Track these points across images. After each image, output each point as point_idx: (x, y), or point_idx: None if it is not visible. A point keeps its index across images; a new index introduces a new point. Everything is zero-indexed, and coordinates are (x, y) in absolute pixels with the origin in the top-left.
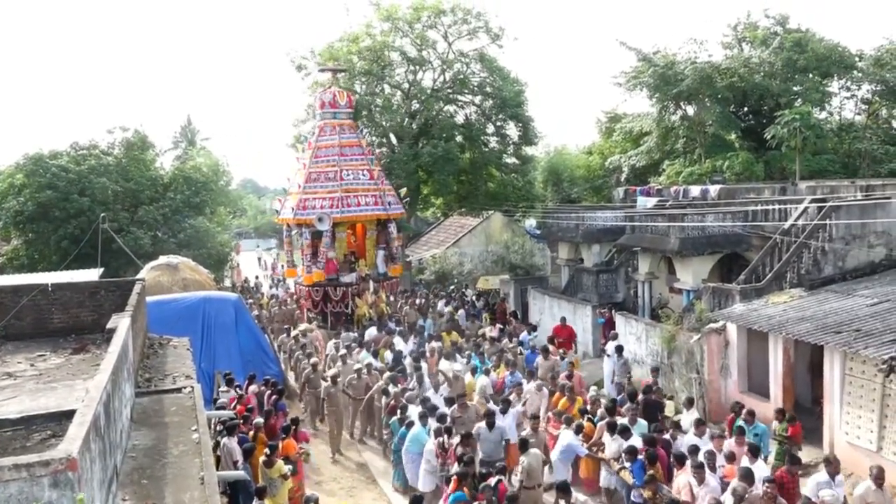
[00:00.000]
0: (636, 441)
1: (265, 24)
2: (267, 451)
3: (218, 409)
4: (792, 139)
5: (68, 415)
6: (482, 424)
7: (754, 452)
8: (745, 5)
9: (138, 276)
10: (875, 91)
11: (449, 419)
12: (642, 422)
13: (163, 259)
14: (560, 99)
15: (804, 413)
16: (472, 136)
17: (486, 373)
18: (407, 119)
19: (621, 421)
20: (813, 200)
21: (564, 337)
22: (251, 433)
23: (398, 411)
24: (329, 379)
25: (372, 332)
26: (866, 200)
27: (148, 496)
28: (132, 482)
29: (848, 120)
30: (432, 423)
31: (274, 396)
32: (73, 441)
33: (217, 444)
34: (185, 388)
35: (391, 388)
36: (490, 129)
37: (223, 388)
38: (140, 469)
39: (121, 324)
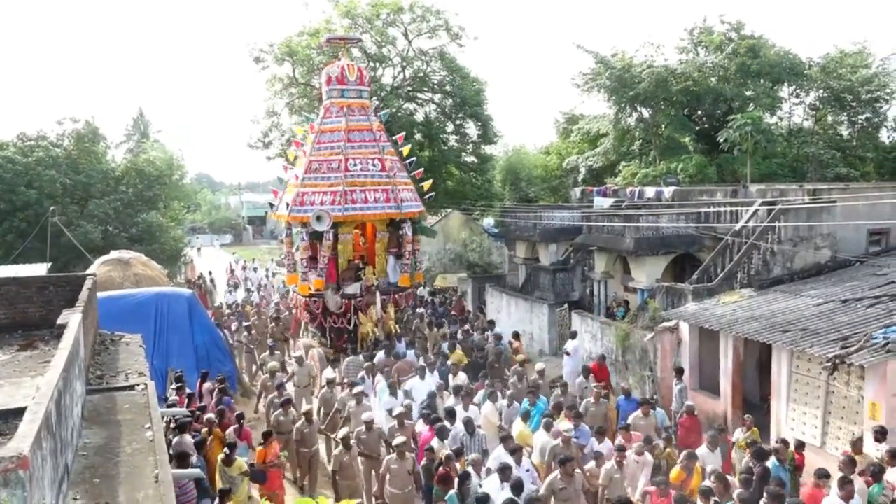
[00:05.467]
0: None
1: (221, 16)
2: (226, 449)
3: (169, 407)
4: (744, 143)
5: (16, 413)
6: None
7: None
8: (702, 11)
9: (89, 272)
10: (822, 98)
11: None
12: None
13: (114, 254)
14: (519, 99)
15: (752, 410)
16: (432, 134)
17: (548, 426)
18: None
19: None
20: (763, 203)
21: (603, 379)
22: (204, 430)
23: (457, 482)
24: (339, 440)
25: (381, 357)
26: (813, 204)
27: (100, 495)
28: (83, 481)
29: (797, 125)
30: None
31: (219, 394)
32: (25, 439)
33: (169, 443)
34: (138, 385)
35: (435, 444)
36: (450, 127)
37: (173, 385)
38: (92, 468)
39: (72, 319)
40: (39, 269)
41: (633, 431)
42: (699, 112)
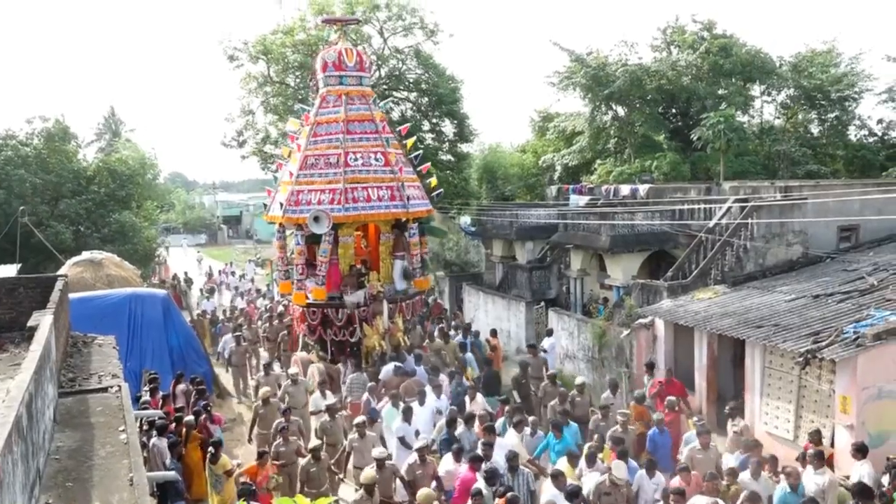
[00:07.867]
0: None
1: (194, 13)
2: (211, 448)
3: (142, 408)
4: (716, 141)
5: None
6: None
7: None
8: (674, 10)
9: (60, 272)
10: (793, 96)
11: None
12: None
13: (86, 254)
14: (495, 97)
15: (727, 405)
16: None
17: (591, 460)
18: None
19: None
20: (736, 200)
21: (675, 394)
22: (183, 431)
23: None
24: (349, 478)
25: (388, 371)
26: (785, 201)
27: (74, 499)
28: (56, 485)
29: (768, 123)
30: None
31: (196, 395)
32: None
33: (144, 445)
34: (111, 387)
35: (483, 488)
36: (426, 125)
37: (146, 387)
38: (65, 471)
39: (43, 321)
40: (9, 271)
41: (695, 467)
42: (673, 110)
